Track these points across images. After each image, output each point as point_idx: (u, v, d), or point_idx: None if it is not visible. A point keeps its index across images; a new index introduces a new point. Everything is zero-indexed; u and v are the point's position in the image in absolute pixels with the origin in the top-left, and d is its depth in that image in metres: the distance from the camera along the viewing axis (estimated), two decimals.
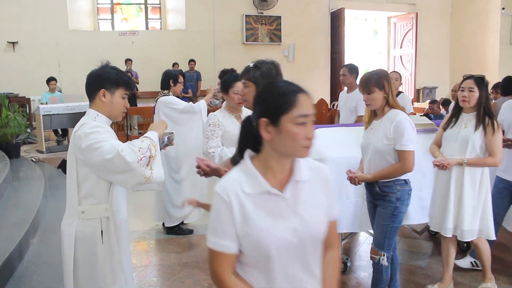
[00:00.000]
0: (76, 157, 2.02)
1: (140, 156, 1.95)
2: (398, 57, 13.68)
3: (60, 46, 10.70)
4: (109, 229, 2.09)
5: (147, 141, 2.04)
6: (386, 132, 2.60)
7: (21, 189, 5.10)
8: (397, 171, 2.61)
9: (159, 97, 4.31)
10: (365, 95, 2.67)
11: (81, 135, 1.99)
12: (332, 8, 12.77)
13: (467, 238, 2.97)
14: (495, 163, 2.90)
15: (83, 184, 2.03)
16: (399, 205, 2.65)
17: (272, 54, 12.24)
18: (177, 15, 12.03)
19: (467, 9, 13.23)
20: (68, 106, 8.20)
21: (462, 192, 2.91)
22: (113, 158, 1.93)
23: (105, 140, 1.97)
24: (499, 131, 2.87)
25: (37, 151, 8.05)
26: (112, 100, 2.10)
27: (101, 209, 2.06)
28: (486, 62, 12.55)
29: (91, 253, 2.06)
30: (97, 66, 2.17)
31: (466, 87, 2.93)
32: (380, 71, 2.72)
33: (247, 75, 2.28)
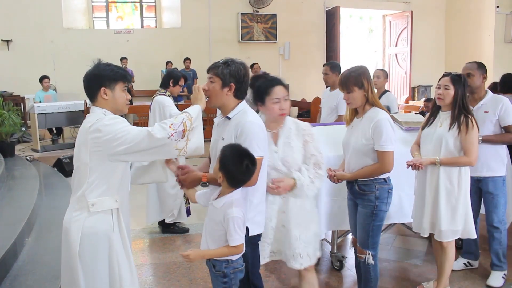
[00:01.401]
0: (90, 151, 2.01)
1: (171, 132, 1.99)
2: (394, 55, 13.72)
3: (54, 44, 10.67)
4: (120, 221, 2.10)
5: (181, 116, 2.08)
6: (365, 132, 2.57)
7: (16, 188, 5.08)
8: (376, 171, 2.59)
9: (155, 95, 4.30)
10: (345, 94, 2.64)
11: (100, 127, 2.00)
12: (327, 6, 12.78)
13: (446, 239, 2.90)
14: (469, 162, 2.82)
15: (96, 176, 2.03)
16: (378, 204, 2.62)
17: (268, 52, 12.26)
18: (172, 13, 12.00)
19: (461, 7, 13.28)
20: (63, 105, 8.18)
21: (438, 192, 2.86)
22: (143, 139, 1.98)
23: (129, 128, 2.01)
24: (473, 130, 2.80)
25: (32, 150, 8.02)
26: (114, 95, 2.12)
27: (112, 200, 2.07)
28: (481, 60, 12.34)
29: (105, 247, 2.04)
30: (90, 66, 2.17)
31: (442, 85, 2.90)
32: (359, 68, 2.66)
33: (215, 70, 2.20)
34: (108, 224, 2.07)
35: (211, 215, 2.12)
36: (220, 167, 2.05)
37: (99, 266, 2.06)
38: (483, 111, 3.23)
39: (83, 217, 2.02)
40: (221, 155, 2.05)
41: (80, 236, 2.01)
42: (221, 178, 2.06)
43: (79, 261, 2.03)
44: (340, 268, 3.64)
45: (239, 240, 2.05)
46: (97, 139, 1.99)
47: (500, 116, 3.18)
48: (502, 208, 3.29)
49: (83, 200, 2.03)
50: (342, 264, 3.65)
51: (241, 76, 2.21)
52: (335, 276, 3.56)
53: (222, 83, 2.19)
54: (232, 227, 2.02)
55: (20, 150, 7.90)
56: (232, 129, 2.19)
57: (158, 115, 4.22)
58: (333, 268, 3.65)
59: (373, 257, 2.71)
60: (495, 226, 3.29)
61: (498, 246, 3.30)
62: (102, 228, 2.05)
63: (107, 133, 1.98)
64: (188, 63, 10.91)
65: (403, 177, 3.19)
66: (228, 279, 2.11)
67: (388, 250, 4.03)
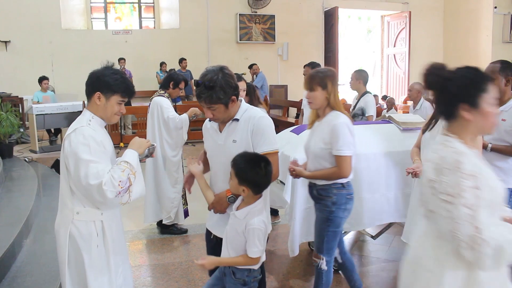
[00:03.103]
0: (66, 159, 2.00)
1: (119, 190, 1.94)
2: (392, 56, 13.73)
3: (53, 45, 10.66)
4: (104, 232, 2.08)
5: (127, 170, 1.99)
6: (323, 136, 2.52)
7: (14, 189, 5.07)
8: (333, 175, 2.52)
9: (154, 96, 4.30)
10: (307, 92, 2.59)
11: (73, 142, 1.97)
12: (325, 7, 12.80)
13: None
14: None
15: (75, 186, 2.02)
16: (335, 210, 2.54)
17: (266, 53, 12.27)
18: (170, 14, 12.00)
19: (459, 8, 13.31)
20: (62, 106, 8.17)
21: None
22: (94, 186, 1.92)
23: (94, 162, 1.95)
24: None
25: (30, 151, 8.01)
26: (106, 104, 2.08)
27: (96, 212, 2.05)
28: (479, 61, 12.62)
29: (83, 252, 2.04)
30: (101, 65, 2.15)
31: None
32: (327, 70, 2.61)
33: (209, 100, 2.07)
34: (91, 235, 2.05)
35: (233, 224, 2.09)
36: (240, 181, 2.01)
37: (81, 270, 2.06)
38: (500, 119, 2.90)
39: (69, 222, 2.04)
40: (236, 169, 2.02)
41: (68, 239, 2.03)
42: (246, 191, 2.03)
43: (67, 264, 2.05)
44: (339, 269, 3.63)
45: (258, 252, 2.04)
46: (67, 152, 1.98)
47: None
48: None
49: (69, 207, 2.04)
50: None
51: (231, 83, 2.12)
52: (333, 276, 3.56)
53: (224, 104, 2.11)
54: (253, 239, 2.01)
55: (18, 151, 7.89)
56: (244, 128, 2.16)
57: (156, 116, 4.22)
58: None
59: (327, 263, 2.63)
60: None
61: None
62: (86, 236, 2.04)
63: (74, 150, 1.95)
64: (185, 63, 10.88)
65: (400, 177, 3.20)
66: (247, 287, 2.11)
67: (386, 250, 4.03)
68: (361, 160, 3.34)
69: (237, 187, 2.03)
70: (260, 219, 2.04)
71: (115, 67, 2.17)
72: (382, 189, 3.43)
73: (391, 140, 3.57)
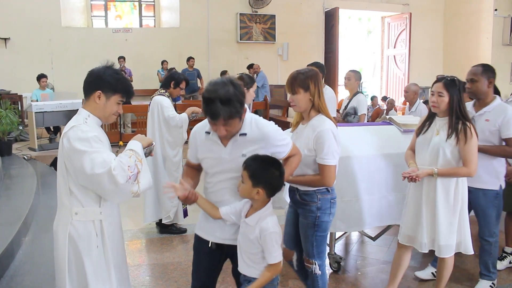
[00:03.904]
0: (65, 158, 1.97)
1: (129, 175, 1.90)
2: (392, 57, 13.74)
3: (52, 42, 10.64)
4: (103, 232, 2.06)
5: (133, 156, 1.97)
6: (308, 142, 2.40)
7: (13, 188, 5.06)
8: (315, 182, 2.43)
9: (155, 95, 4.29)
10: (290, 95, 2.48)
11: (72, 138, 1.93)
12: (326, 7, 12.80)
13: (446, 254, 2.77)
14: (469, 173, 2.65)
15: (73, 185, 1.99)
16: (320, 215, 2.47)
17: (266, 52, 12.27)
18: (171, 13, 11.99)
19: (460, 10, 13.32)
20: (61, 104, 8.14)
21: (435, 205, 2.71)
22: (103, 174, 1.88)
23: (98, 151, 1.91)
24: (472, 139, 2.63)
25: (29, 149, 7.99)
26: (106, 103, 2.05)
27: (95, 212, 2.03)
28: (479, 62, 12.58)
29: (83, 254, 2.02)
30: (100, 64, 2.11)
31: (435, 91, 2.71)
32: (309, 70, 2.46)
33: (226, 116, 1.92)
34: (90, 235, 2.03)
35: (245, 232, 2.02)
36: (255, 183, 1.95)
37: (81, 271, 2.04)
38: (484, 119, 3.05)
39: (68, 222, 2.01)
40: (251, 171, 1.96)
41: (68, 240, 2.00)
42: (261, 193, 1.97)
43: (67, 265, 2.02)
44: (338, 269, 3.64)
45: (278, 257, 2.00)
46: (67, 149, 1.94)
47: (500, 126, 2.99)
48: (494, 221, 3.13)
49: (67, 207, 2.02)
50: (340, 266, 3.65)
51: (243, 93, 1.99)
52: (332, 277, 3.56)
53: (240, 117, 1.99)
54: (271, 244, 1.97)
55: (17, 149, 7.87)
56: (254, 141, 2.06)
57: (156, 115, 4.22)
58: (331, 269, 3.65)
59: (320, 267, 2.57)
60: (486, 239, 3.17)
61: (488, 257, 3.20)
62: (85, 237, 2.02)
63: (75, 147, 1.90)
64: (192, 62, 10.86)
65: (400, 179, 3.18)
66: None
67: (385, 252, 4.03)
68: (362, 162, 3.34)
69: (251, 190, 1.97)
70: (274, 220, 2.00)
71: (115, 67, 2.14)
72: (383, 190, 3.42)
73: (392, 142, 3.56)
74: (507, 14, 12.68)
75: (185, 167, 2.30)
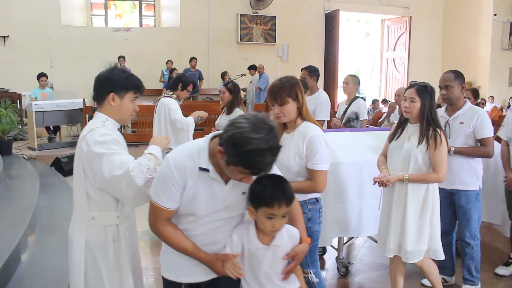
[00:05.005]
0: (83, 162, 1.96)
1: (148, 177, 1.87)
2: (391, 60, 13.78)
3: (52, 41, 10.57)
4: (120, 237, 2.04)
5: (153, 160, 1.95)
6: (299, 149, 2.32)
7: (16, 188, 5.00)
8: (307, 188, 2.35)
9: (162, 96, 4.27)
10: (276, 107, 2.33)
11: (90, 142, 1.92)
12: (326, 9, 12.81)
13: (412, 260, 2.74)
14: (439, 179, 2.68)
15: (91, 189, 1.97)
16: (311, 225, 2.42)
17: (266, 54, 12.26)
18: (171, 13, 11.95)
19: (459, 14, 13.39)
20: (62, 103, 8.10)
21: (406, 210, 2.70)
22: (122, 176, 1.85)
23: (116, 154, 1.89)
24: (442, 145, 2.65)
25: (29, 148, 7.92)
26: (121, 104, 2.05)
27: (112, 216, 2.01)
28: (478, 67, 12.72)
29: (100, 260, 2.00)
30: (105, 67, 2.12)
31: (407, 97, 2.72)
32: (291, 78, 2.37)
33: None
34: (108, 240, 2.02)
35: (272, 256, 1.79)
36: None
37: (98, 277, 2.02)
38: (458, 122, 3.15)
39: (85, 228, 2.00)
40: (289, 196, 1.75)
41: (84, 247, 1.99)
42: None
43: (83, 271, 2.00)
44: (346, 274, 3.63)
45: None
46: (86, 153, 1.93)
47: (475, 128, 3.08)
48: (475, 223, 3.17)
49: (84, 212, 2.00)
50: (348, 270, 3.64)
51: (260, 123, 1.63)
52: (341, 282, 3.55)
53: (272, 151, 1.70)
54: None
55: (16, 148, 7.79)
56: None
57: (163, 117, 4.20)
58: (339, 274, 3.64)
59: (316, 275, 2.52)
60: (467, 241, 3.18)
61: (470, 261, 3.20)
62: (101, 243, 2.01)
63: (94, 150, 1.90)
64: (194, 62, 10.83)
65: None
66: None
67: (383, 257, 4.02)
68: (362, 167, 3.31)
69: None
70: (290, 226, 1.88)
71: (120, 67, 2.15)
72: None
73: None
74: (506, 19, 12.76)
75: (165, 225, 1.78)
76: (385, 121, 6.60)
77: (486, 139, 3.09)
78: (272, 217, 1.71)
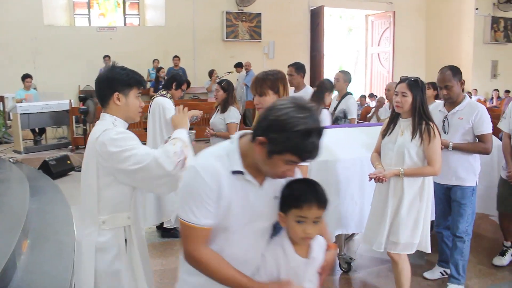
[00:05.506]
0: (98, 164, 1.90)
1: (176, 161, 1.84)
2: (376, 55, 13.89)
3: (35, 41, 10.33)
4: (132, 238, 1.99)
5: (179, 143, 1.92)
6: None
7: (4, 193, 4.85)
8: None
9: (156, 96, 4.20)
10: (256, 97, 2.33)
11: (106, 141, 1.86)
12: (311, 5, 12.83)
13: (404, 251, 2.76)
14: (434, 172, 2.69)
15: (105, 192, 1.92)
16: None
17: (252, 51, 12.21)
18: (156, 11, 11.81)
19: (441, 9, 13.56)
20: (47, 105, 7.92)
21: (401, 204, 2.71)
22: (149, 165, 1.82)
23: (137, 147, 1.86)
24: (436, 138, 2.67)
25: (14, 152, 7.73)
26: (127, 102, 2.00)
27: (123, 218, 1.96)
28: (461, 60, 12.91)
29: (113, 265, 1.95)
30: (104, 68, 2.09)
31: (399, 92, 2.72)
32: (277, 72, 2.37)
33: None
34: (119, 243, 1.97)
35: (312, 269, 1.59)
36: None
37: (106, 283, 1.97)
38: (457, 117, 3.14)
39: (95, 233, 1.94)
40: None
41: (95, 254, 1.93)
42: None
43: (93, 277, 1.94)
44: (348, 270, 3.63)
45: None
46: (103, 153, 1.88)
47: (474, 124, 3.08)
48: (469, 218, 3.17)
49: (94, 217, 1.95)
50: (350, 266, 3.64)
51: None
52: (343, 278, 3.55)
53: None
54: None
55: (1, 152, 7.61)
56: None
57: (157, 117, 4.12)
58: (341, 270, 3.64)
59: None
60: (459, 235, 3.18)
61: (459, 256, 3.19)
62: (113, 247, 1.96)
63: (114, 148, 1.85)
64: (176, 60, 10.74)
65: None
66: None
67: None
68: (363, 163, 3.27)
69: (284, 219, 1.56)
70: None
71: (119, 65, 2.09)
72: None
73: None
74: (488, 13, 12.98)
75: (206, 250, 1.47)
76: (374, 116, 6.62)
77: (485, 135, 3.09)
78: (303, 221, 1.50)
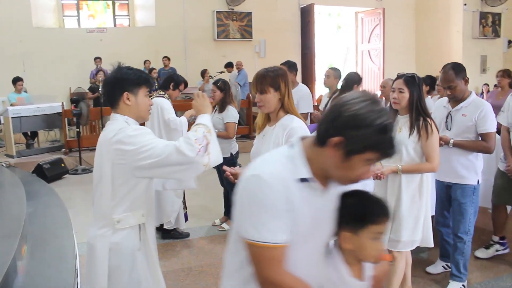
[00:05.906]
0: (113, 163, 1.89)
1: (198, 147, 1.83)
2: (366, 52, 13.94)
3: (24, 44, 10.20)
4: (146, 236, 2.00)
5: (201, 128, 1.90)
6: (278, 141, 2.26)
7: (1, 198, 4.79)
8: None
9: (154, 96, 4.18)
10: (257, 95, 2.31)
11: (124, 139, 1.86)
12: (301, 4, 12.84)
13: (405, 248, 2.74)
14: (432, 168, 2.68)
15: (120, 190, 1.92)
16: None
17: (243, 50, 12.19)
18: (146, 12, 11.73)
19: (430, 5, 13.66)
20: (39, 108, 7.84)
21: (400, 201, 2.70)
22: (171, 154, 1.81)
23: (156, 141, 1.87)
24: (433, 135, 2.65)
25: (7, 156, 7.64)
26: (137, 101, 2.00)
27: (138, 215, 1.97)
28: (450, 56, 13.01)
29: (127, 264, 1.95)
30: (111, 69, 2.07)
31: (396, 88, 2.71)
32: (278, 69, 2.33)
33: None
34: (134, 241, 1.98)
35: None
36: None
37: (123, 284, 1.97)
38: (461, 114, 3.09)
39: (109, 234, 1.94)
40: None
41: (108, 255, 1.93)
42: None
43: (106, 278, 1.94)
44: None
45: None
46: (121, 151, 1.87)
47: (477, 121, 3.02)
48: (470, 218, 3.12)
49: (108, 217, 1.94)
50: None
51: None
52: None
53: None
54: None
55: None
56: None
57: (156, 117, 4.11)
58: None
59: None
60: (460, 236, 3.14)
61: (460, 256, 3.16)
62: (128, 246, 1.96)
63: (131, 145, 1.85)
64: (165, 61, 10.71)
65: None
66: None
67: None
68: None
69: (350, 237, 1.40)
70: None
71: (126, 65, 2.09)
72: None
73: None
74: (476, 8, 13.10)
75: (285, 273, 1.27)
76: None
77: (488, 134, 3.02)
78: (379, 237, 1.37)
